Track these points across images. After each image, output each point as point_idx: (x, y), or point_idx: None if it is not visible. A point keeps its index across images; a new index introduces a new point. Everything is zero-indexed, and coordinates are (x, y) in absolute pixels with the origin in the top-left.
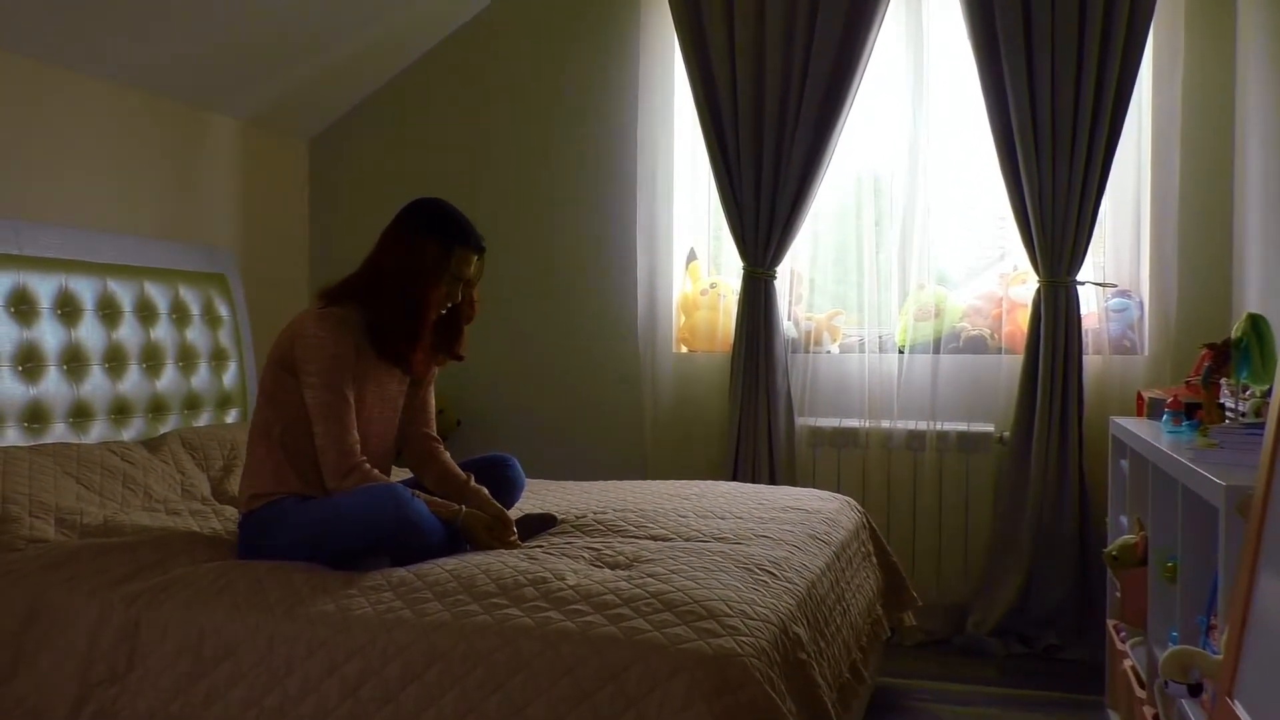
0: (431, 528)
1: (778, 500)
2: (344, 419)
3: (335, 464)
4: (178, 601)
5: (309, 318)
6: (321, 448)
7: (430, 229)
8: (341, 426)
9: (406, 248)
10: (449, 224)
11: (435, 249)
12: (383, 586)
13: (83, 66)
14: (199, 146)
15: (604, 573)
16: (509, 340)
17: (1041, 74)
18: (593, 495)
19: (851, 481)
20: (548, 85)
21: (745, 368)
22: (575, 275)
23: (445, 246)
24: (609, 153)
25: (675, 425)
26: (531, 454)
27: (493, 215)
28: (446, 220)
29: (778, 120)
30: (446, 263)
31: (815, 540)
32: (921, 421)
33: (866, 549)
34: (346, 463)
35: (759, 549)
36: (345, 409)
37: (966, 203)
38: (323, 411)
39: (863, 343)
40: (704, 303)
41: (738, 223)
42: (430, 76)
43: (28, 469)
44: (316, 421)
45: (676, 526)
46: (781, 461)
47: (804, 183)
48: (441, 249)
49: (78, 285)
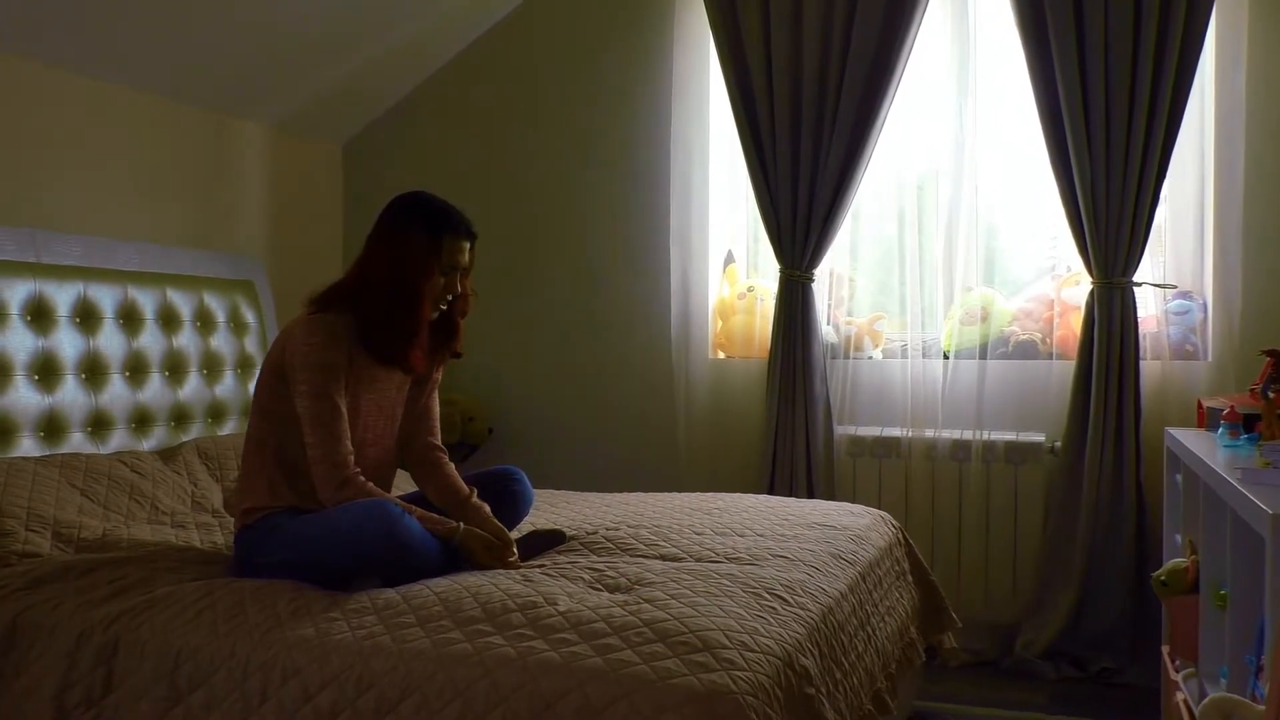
0: (425, 547)
1: (804, 515)
2: (335, 429)
3: (327, 477)
4: (158, 622)
5: (298, 325)
6: (313, 460)
7: (415, 220)
8: (333, 437)
9: (394, 243)
10: (434, 213)
11: (423, 239)
12: (366, 610)
13: (106, 74)
14: (227, 153)
15: (600, 597)
16: (541, 346)
17: (1094, 65)
18: (610, 509)
19: (893, 493)
20: (580, 86)
21: (782, 374)
22: (608, 279)
23: (433, 236)
24: (642, 153)
25: (710, 434)
26: (562, 463)
27: (526, 218)
28: (431, 209)
29: (815, 117)
30: (437, 252)
31: (838, 560)
32: (967, 431)
33: (901, 567)
34: (339, 475)
35: (773, 570)
36: (337, 419)
37: (1016, 201)
38: (314, 422)
39: (906, 348)
40: (741, 307)
41: (774, 223)
42: (463, 78)
43: (30, 480)
44: (308, 433)
45: (689, 545)
46: (819, 472)
47: (843, 181)
48: (430, 239)
49: (97, 293)
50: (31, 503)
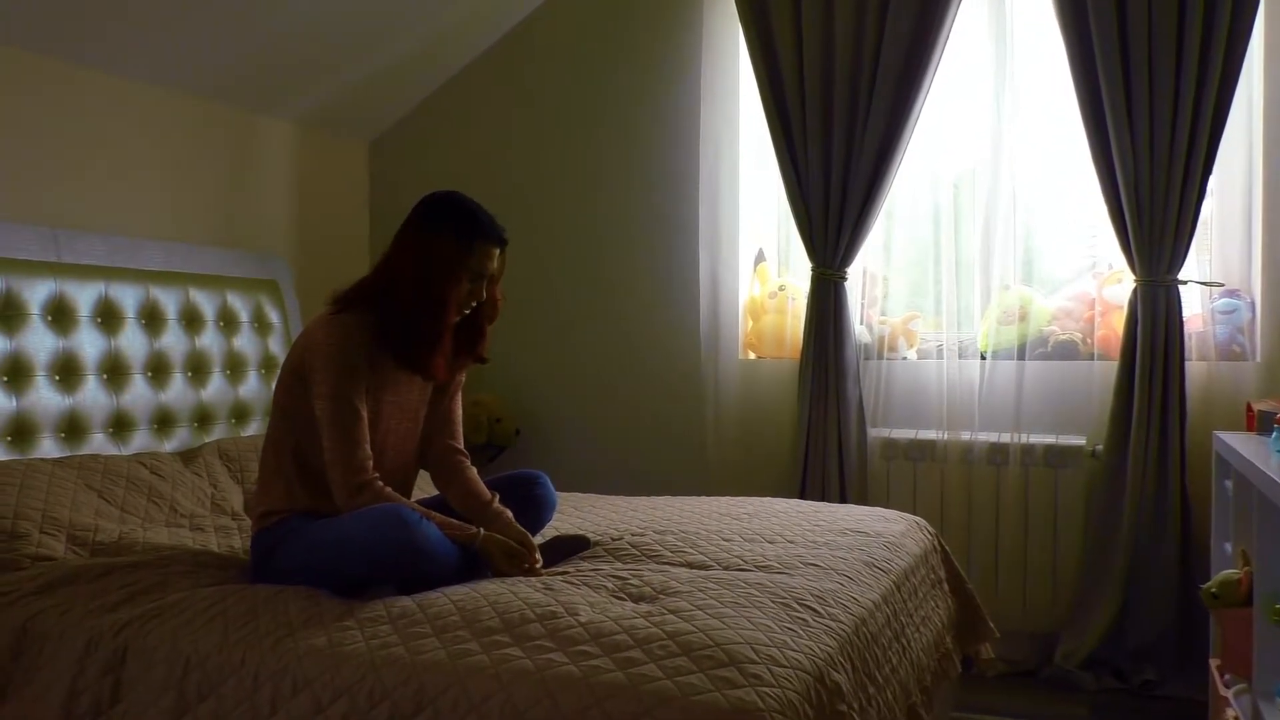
0: (443, 553)
1: (837, 521)
2: (353, 433)
3: (343, 482)
4: (167, 629)
5: (319, 324)
6: (330, 464)
7: (446, 223)
8: (351, 441)
9: (422, 245)
10: (466, 216)
11: (453, 244)
12: (381, 618)
13: (130, 71)
14: (251, 151)
15: (623, 607)
16: (568, 347)
17: (1137, 55)
18: (637, 513)
19: (928, 498)
20: (609, 83)
21: (814, 375)
22: (637, 279)
23: (464, 241)
24: (671, 151)
25: (740, 436)
26: (589, 465)
27: (554, 217)
28: (463, 213)
29: (848, 112)
30: (466, 258)
31: (871, 569)
32: (1005, 433)
33: (936, 575)
34: (355, 481)
35: (804, 580)
36: (355, 422)
37: (1054, 197)
38: (332, 425)
39: (941, 348)
40: (772, 306)
41: (806, 221)
42: (490, 75)
43: (47, 482)
44: (325, 436)
45: (717, 552)
46: (852, 476)
47: (877, 177)
48: (460, 244)
49: (118, 293)
50: (47, 505)
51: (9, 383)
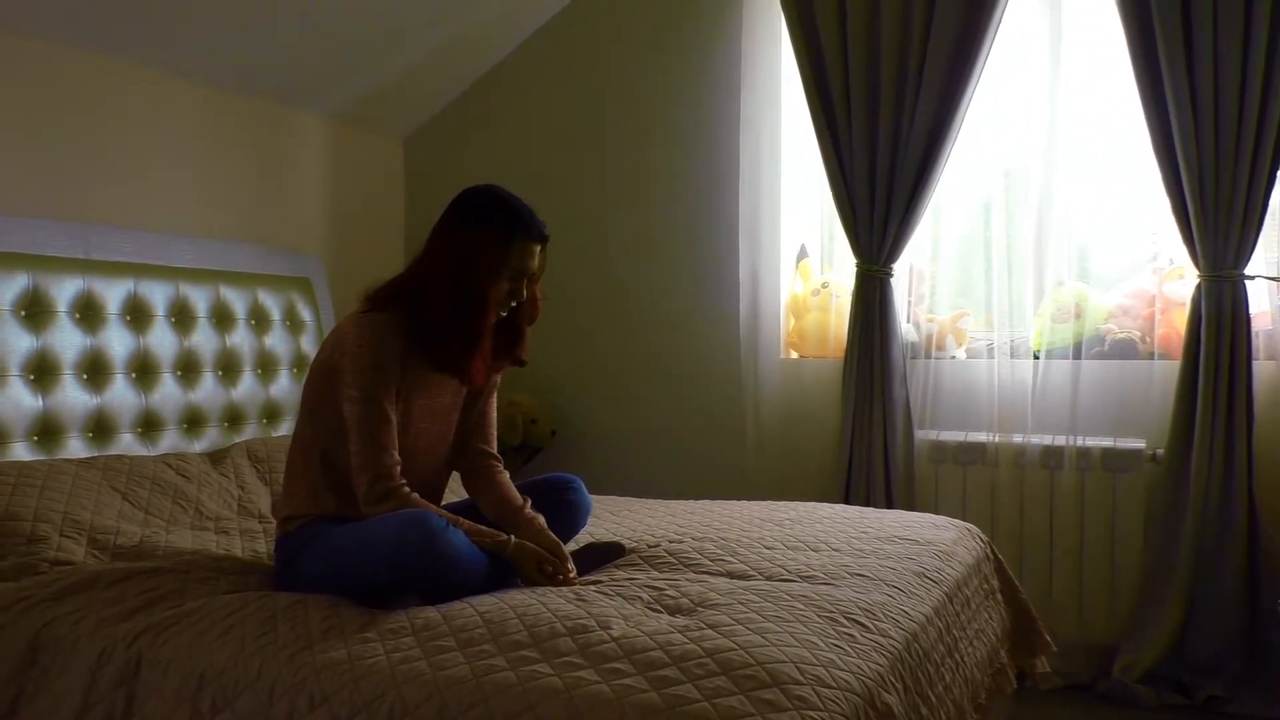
0: (469, 561)
1: (884, 528)
2: (381, 437)
3: (369, 488)
4: (183, 640)
5: (350, 323)
6: (356, 469)
7: (486, 218)
8: (378, 445)
9: (460, 241)
10: (507, 211)
11: (493, 240)
12: (404, 630)
13: (160, 64)
14: (283, 145)
15: (659, 620)
16: (605, 346)
17: (1201, 41)
18: (675, 518)
19: (978, 503)
20: (646, 76)
21: (859, 375)
22: (675, 276)
23: (504, 237)
24: (710, 145)
25: (781, 439)
26: (626, 467)
27: (590, 214)
28: (504, 208)
29: (894, 101)
30: (506, 255)
31: (922, 579)
32: (1060, 436)
33: (990, 585)
34: (382, 486)
35: (851, 591)
36: (384, 426)
37: (1112, 188)
38: (360, 428)
39: (992, 347)
40: (814, 304)
41: (850, 216)
42: (526, 69)
43: (70, 484)
44: (353, 439)
45: (759, 561)
46: (899, 480)
47: (924, 170)
48: (500, 240)
49: (148, 290)
50: (69, 507)
51: (36, 381)
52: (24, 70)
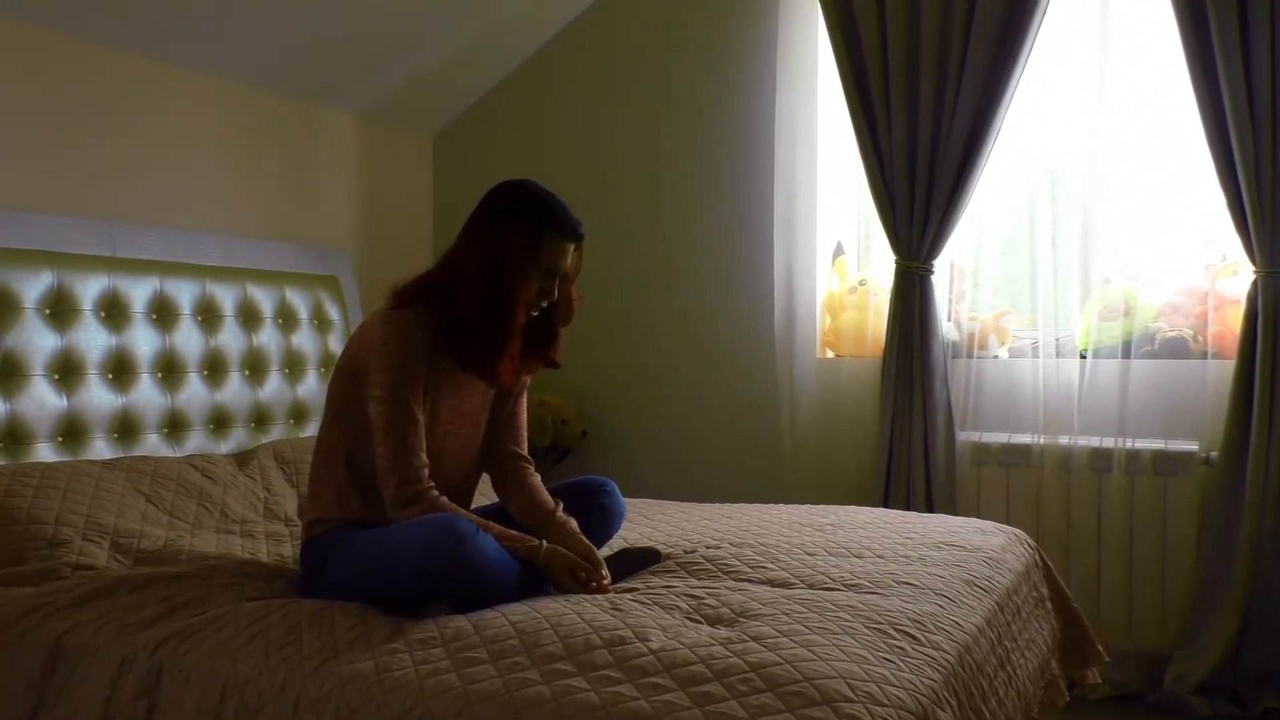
0: (500, 568)
1: (929, 533)
2: (408, 439)
3: (396, 491)
4: (205, 649)
5: (375, 320)
6: (382, 472)
7: (518, 214)
8: (405, 447)
9: (491, 237)
10: (540, 207)
11: (524, 237)
12: (433, 640)
13: (187, 60)
14: (312, 143)
15: (699, 631)
16: (637, 345)
17: (1258, 25)
18: (711, 522)
19: (1022, 508)
20: (680, 66)
21: (898, 375)
22: (708, 273)
23: (535, 234)
24: (744, 137)
25: (818, 440)
26: (659, 468)
27: (621, 210)
28: (537, 203)
29: (935, 92)
30: (537, 253)
31: (972, 588)
32: (1108, 438)
33: (1039, 593)
34: (409, 490)
35: (899, 601)
36: (411, 427)
37: (1161, 182)
38: (386, 429)
39: (1036, 346)
40: (852, 302)
41: (889, 211)
42: (558, 62)
43: (93, 486)
44: (379, 441)
45: (800, 568)
46: (939, 483)
47: (966, 163)
48: (531, 237)
49: (174, 288)
50: (91, 510)
51: (60, 380)
52: (50, 66)
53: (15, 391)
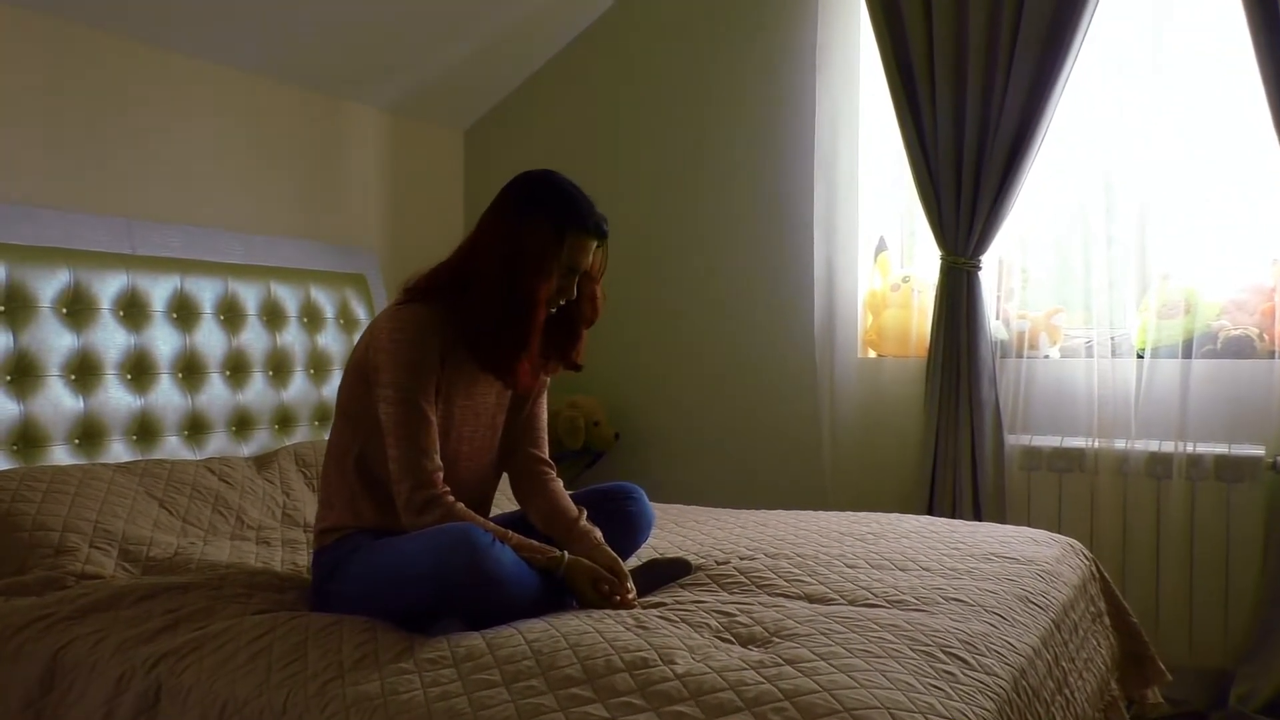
0: (518, 581)
1: (978, 543)
2: (421, 440)
3: (409, 495)
4: (206, 666)
5: (385, 316)
6: (395, 476)
7: (538, 208)
8: (418, 449)
9: (509, 231)
10: (562, 201)
11: (545, 232)
12: (445, 660)
13: (211, 54)
14: (339, 139)
15: (729, 653)
16: (671, 344)
17: None
18: (746, 530)
19: (1075, 516)
20: (716, 57)
21: (944, 375)
22: (745, 270)
23: (557, 229)
24: (783, 128)
25: (859, 444)
26: (693, 472)
27: (657, 205)
28: (559, 197)
29: (984, 78)
30: (558, 250)
31: (1027, 604)
32: (1167, 442)
33: (1097, 608)
34: (423, 494)
35: (948, 620)
36: (423, 428)
37: (1224, 173)
38: (397, 431)
39: (1090, 345)
40: (895, 299)
41: (934, 204)
42: (591, 54)
43: (105, 490)
44: (390, 444)
45: (840, 582)
46: (987, 489)
47: (1016, 153)
48: (553, 232)
49: (194, 286)
50: (101, 516)
51: (76, 381)
52: (70, 60)
53: (30, 392)
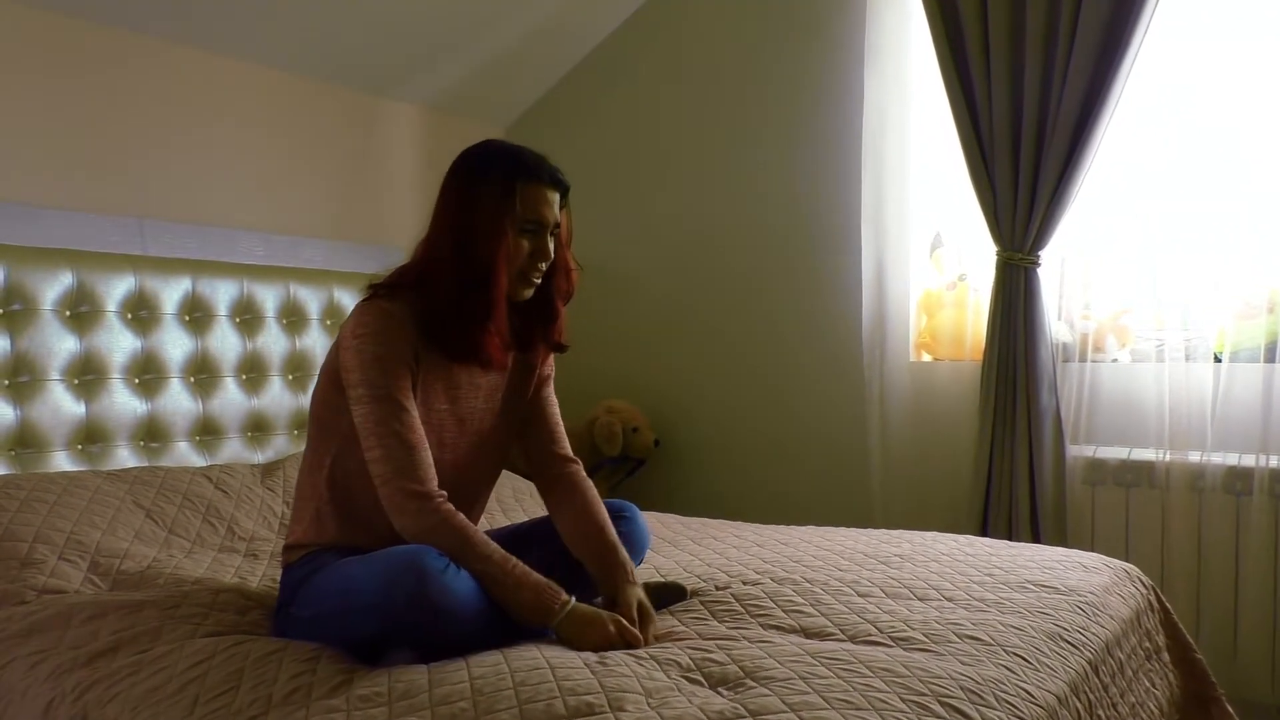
0: (473, 611)
1: (1017, 569)
2: (406, 436)
3: (403, 501)
4: (134, 694)
5: (351, 315)
6: (380, 480)
7: (485, 169)
8: (405, 446)
9: (459, 202)
10: (507, 155)
11: (494, 190)
12: (379, 697)
13: (231, 49)
14: (371, 136)
15: (691, 698)
16: (711, 347)
17: None
18: (763, 549)
19: (1144, 536)
20: (761, 48)
21: (999, 381)
22: (789, 268)
23: (507, 184)
24: (828, 120)
25: (910, 453)
26: (734, 482)
27: (699, 202)
28: (503, 152)
29: (1043, 59)
30: (511, 204)
31: (1058, 643)
32: (1247, 454)
33: (1153, 644)
34: (418, 498)
35: (955, 663)
36: (404, 421)
37: None
38: (377, 430)
39: (1162, 348)
40: (950, 299)
41: (990, 195)
42: (634, 46)
43: (87, 499)
44: (370, 446)
45: (844, 614)
46: (1047, 505)
47: (1078, 141)
48: (503, 188)
49: (208, 288)
50: (77, 526)
51: (79, 386)
52: (82, 59)
53: (28, 397)
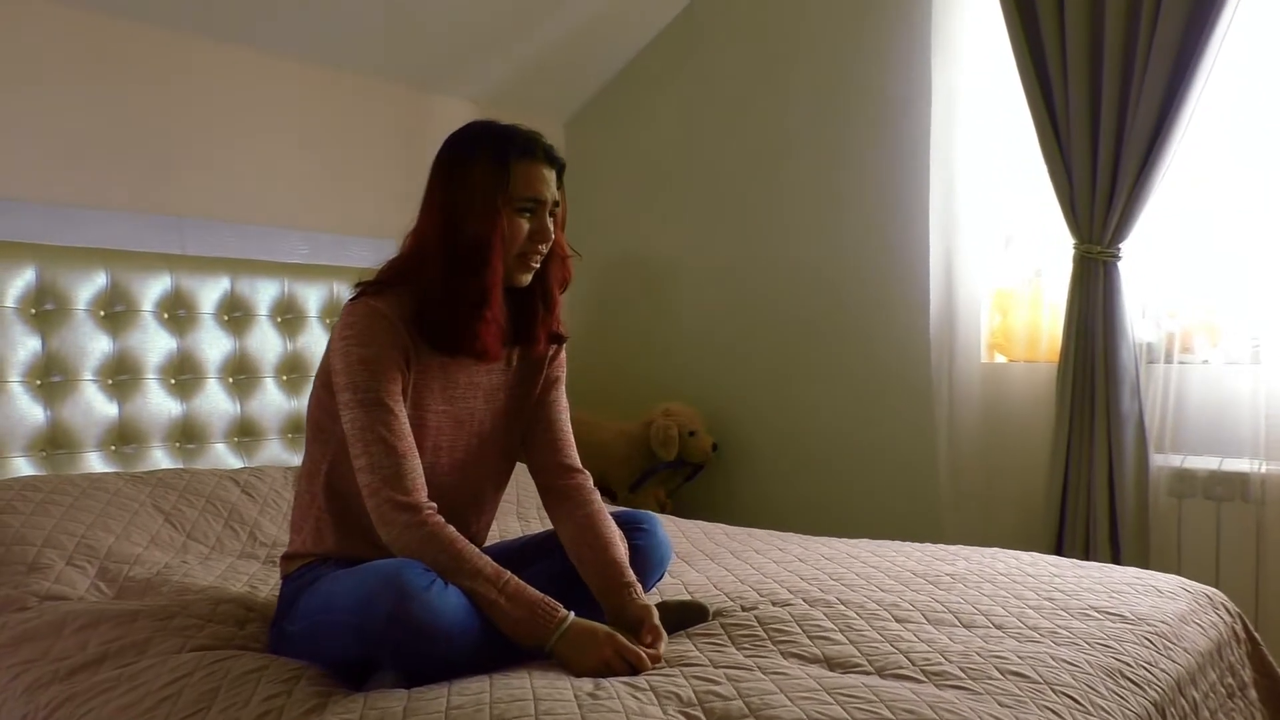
0: (460, 632)
1: (1082, 593)
2: (390, 441)
3: (390, 512)
4: (108, 711)
5: (340, 315)
6: (367, 488)
7: (474, 149)
8: (389, 453)
9: (449, 184)
10: (497, 133)
11: (486, 168)
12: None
13: (280, 46)
14: (421, 132)
15: None
16: (771, 348)
17: None
18: (805, 564)
19: (1236, 554)
20: (824, 39)
21: (1077, 384)
22: (852, 266)
23: (498, 161)
24: (894, 110)
25: (981, 462)
26: (790, 490)
27: (760, 198)
28: (491, 132)
29: (1124, 39)
30: (504, 181)
31: (1118, 681)
32: None
33: (1239, 679)
34: (399, 511)
35: (992, 704)
36: (391, 426)
37: None
38: (363, 435)
39: (1258, 349)
40: (1025, 296)
41: (1066, 184)
42: (693, 36)
43: (105, 503)
44: (356, 452)
45: (875, 642)
46: (1127, 519)
47: (1162, 126)
48: (494, 165)
49: (247, 288)
50: (90, 530)
51: (113, 386)
52: (126, 55)
53: (60, 397)
